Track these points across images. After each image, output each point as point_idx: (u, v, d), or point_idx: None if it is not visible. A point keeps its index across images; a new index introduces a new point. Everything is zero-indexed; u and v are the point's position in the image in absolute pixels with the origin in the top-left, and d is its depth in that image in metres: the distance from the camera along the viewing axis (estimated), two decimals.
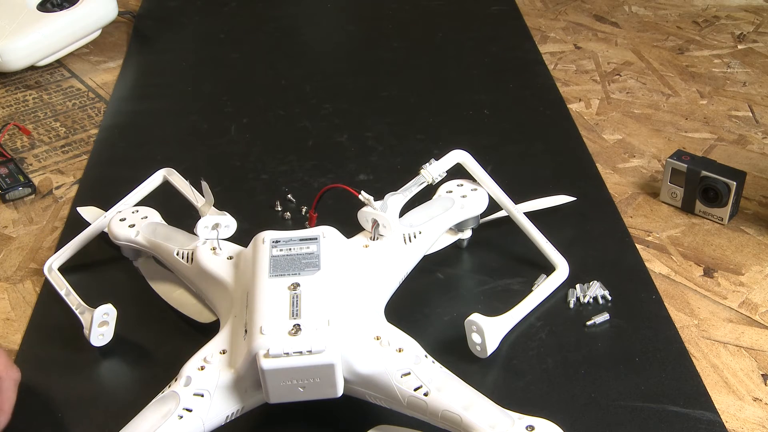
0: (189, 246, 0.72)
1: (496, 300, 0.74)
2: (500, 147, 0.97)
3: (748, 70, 1.14)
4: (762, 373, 0.67)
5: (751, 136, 0.99)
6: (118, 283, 0.79)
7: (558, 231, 0.80)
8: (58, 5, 1.20)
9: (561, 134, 1.01)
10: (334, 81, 1.15)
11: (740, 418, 0.63)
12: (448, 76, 1.15)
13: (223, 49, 1.25)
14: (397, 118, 1.05)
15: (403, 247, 0.71)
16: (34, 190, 0.94)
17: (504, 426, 0.54)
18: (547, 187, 0.88)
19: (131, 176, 0.86)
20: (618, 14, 1.32)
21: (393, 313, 0.66)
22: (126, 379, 0.69)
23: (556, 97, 1.08)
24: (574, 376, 0.67)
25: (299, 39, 1.28)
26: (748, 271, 0.78)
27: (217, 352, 0.61)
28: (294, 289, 0.61)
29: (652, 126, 1.02)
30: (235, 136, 1.02)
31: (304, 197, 0.89)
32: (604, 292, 0.74)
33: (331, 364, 0.57)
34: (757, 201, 0.88)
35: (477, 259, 0.80)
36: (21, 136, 1.05)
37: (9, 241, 0.86)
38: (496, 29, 1.28)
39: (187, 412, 0.57)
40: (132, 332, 0.72)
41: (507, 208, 0.77)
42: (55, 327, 0.74)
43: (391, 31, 1.29)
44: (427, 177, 0.74)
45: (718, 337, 0.71)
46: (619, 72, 1.15)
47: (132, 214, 0.79)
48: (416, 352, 0.60)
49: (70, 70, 1.22)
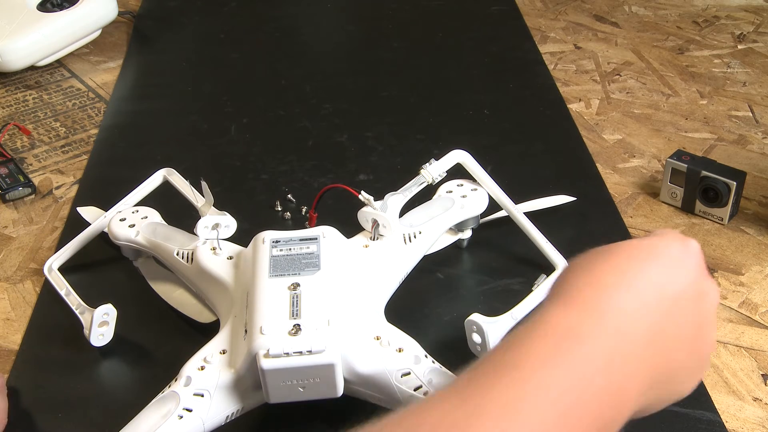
0: (189, 246, 0.72)
1: (496, 300, 0.74)
2: (500, 147, 0.97)
3: (748, 70, 1.14)
4: (762, 373, 0.67)
5: (751, 136, 0.99)
6: (118, 283, 0.79)
7: (558, 231, 0.80)
8: (58, 5, 1.20)
9: (561, 134, 1.01)
10: (334, 81, 1.15)
11: (740, 418, 0.63)
12: (448, 76, 1.15)
13: (223, 49, 1.25)
14: (397, 118, 1.05)
15: (403, 247, 0.71)
16: (34, 190, 0.94)
17: None
18: (547, 187, 0.88)
19: (131, 176, 0.86)
20: (618, 14, 1.32)
21: (393, 313, 0.66)
22: (126, 379, 0.69)
23: (556, 97, 1.08)
24: None
25: (299, 39, 1.28)
26: (748, 271, 0.78)
27: (217, 352, 0.61)
28: (294, 289, 0.61)
29: (652, 126, 1.02)
30: (235, 136, 1.02)
31: (304, 197, 0.89)
32: None
33: (331, 364, 0.57)
34: (757, 201, 0.88)
35: (477, 259, 0.80)
36: (21, 136, 1.05)
37: (9, 241, 0.86)
38: (496, 29, 1.28)
39: (187, 412, 0.57)
40: (132, 332, 0.72)
41: (507, 208, 0.77)
42: (55, 327, 0.74)
43: (391, 31, 1.29)
44: (427, 177, 0.74)
45: (718, 337, 0.71)
46: (619, 72, 1.15)
47: (132, 214, 0.79)
48: (416, 352, 0.60)
49: (70, 70, 1.22)
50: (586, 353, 0.37)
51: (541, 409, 0.34)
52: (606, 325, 0.38)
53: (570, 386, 0.35)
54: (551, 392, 0.35)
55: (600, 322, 0.38)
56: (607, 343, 0.38)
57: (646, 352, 0.39)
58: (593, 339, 0.37)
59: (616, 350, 0.38)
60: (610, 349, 0.38)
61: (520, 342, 0.38)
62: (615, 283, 0.40)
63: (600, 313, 0.39)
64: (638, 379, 0.39)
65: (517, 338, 0.38)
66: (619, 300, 0.39)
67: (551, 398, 0.35)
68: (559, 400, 0.35)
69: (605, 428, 0.37)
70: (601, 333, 0.38)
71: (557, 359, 0.36)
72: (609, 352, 0.37)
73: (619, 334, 0.38)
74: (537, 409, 0.34)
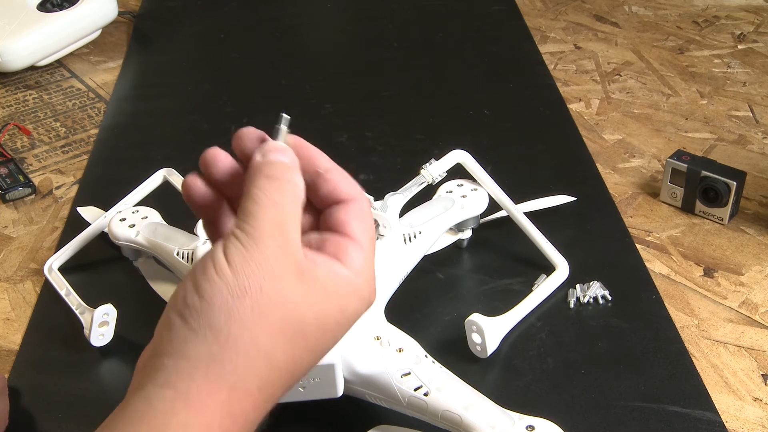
0: (189, 246, 0.72)
1: (496, 300, 0.74)
2: (500, 147, 0.97)
3: (748, 70, 1.14)
4: (762, 373, 0.67)
5: (751, 136, 0.99)
6: (118, 283, 0.79)
7: (558, 231, 0.80)
8: (58, 5, 1.20)
9: (561, 134, 1.01)
10: (334, 81, 1.15)
11: (740, 418, 0.63)
12: (448, 76, 1.15)
13: (223, 49, 1.25)
14: (397, 118, 1.05)
15: (403, 247, 0.71)
16: (34, 190, 0.94)
17: (504, 426, 0.54)
18: (547, 187, 0.88)
19: (131, 176, 0.86)
20: (618, 14, 1.32)
21: (393, 313, 0.66)
22: (126, 379, 0.69)
23: (556, 97, 1.08)
24: (574, 376, 0.67)
25: (299, 39, 1.28)
26: (748, 271, 0.78)
27: None
28: None
29: (652, 126, 1.02)
30: None
31: None
32: (604, 292, 0.74)
33: (331, 364, 0.56)
34: (757, 201, 0.88)
35: (477, 259, 0.80)
36: (21, 136, 1.05)
37: (9, 241, 0.86)
38: (496, 29, 1.28)
39: None
40: (132, 332, 0.72)
41: (507, 208, 0.77)
42: (55, 327, 0.74)
43: (391, 31, 1.29)
44: (427, 177, 0.74)
45: (718, 337, 0.71)
46: (619, 72, 1.15)
47: (132, 214, 0.79)
48: (416, 352, 0.60)
49: (70, 70, 1.22)
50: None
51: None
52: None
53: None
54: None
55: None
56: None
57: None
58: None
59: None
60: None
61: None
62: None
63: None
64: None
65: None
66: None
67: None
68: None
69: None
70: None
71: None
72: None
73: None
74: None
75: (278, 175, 0.38)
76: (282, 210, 0.37)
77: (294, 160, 0.39)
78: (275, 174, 0.38)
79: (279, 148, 0.39)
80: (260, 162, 0.38)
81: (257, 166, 0.38)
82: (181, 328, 0.35)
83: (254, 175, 0.38)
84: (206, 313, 0.35)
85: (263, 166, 0.38)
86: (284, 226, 0.37)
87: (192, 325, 0.35)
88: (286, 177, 0.38)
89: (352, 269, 0.38)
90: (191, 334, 0.35)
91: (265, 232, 0.36)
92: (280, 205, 0.37)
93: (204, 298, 0.35)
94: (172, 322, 0.36)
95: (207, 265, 0.36)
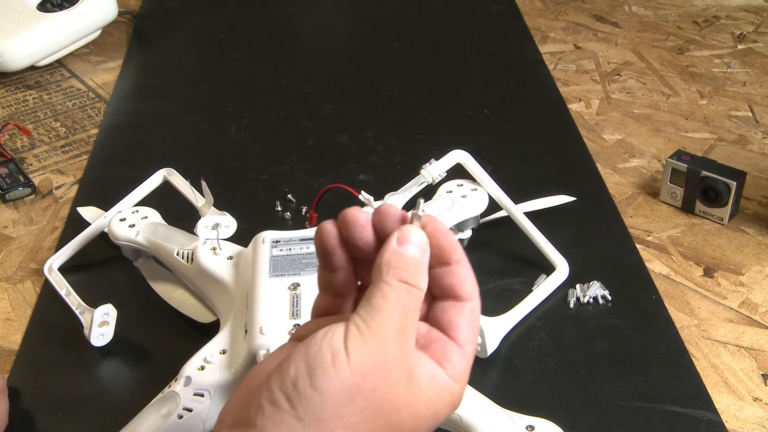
0: (189, 246, 0.72)
1: (496, 300, 0.74)
2: (500, 147, 0.97)
3: (748, 70, 1.14)
4: (762, 373, 0.67)
5: (751, 136, 0.99)
6: (118, 283, 0.79)
7: (558, 231, 0.80)
8: (58, 5, 1.20)
9: (561, 134, 1.01)
10: (334, 81, 1.15)
11: (740, 418, 0.63)
12: (448, 76, 1.15)
13: (223, 49, 1.25)
14: (397, 118, 1.05)
15: None
16: (34, 190, 0.94)
17: (504, 426, 0.54)
18: (547, 187, 0.88)
19: (131, 176, 0.86)
20: (618, 14, 1.32)
21: None
22: (126, 379, 0.69)
23: (556, 97, 1.08)
24: (574, 376, 0.67)
25: (299, 39, 1.28)
26: (748, 271, 0.78)
27: (217, 352, 0.61)
28: (294, 289, 0.62)
29: (652, 126, 1.02)
30: (235, 136, 1.02)
31: (304, 197, 0.89)
32: (604, 292, 0.74)
33: None
34: (757, 201, 0.88)
35: (477, 259, 0.80)
36: (21, 136, 1.05)
37: (9, 241, 0.86)
38: (496, 29, 1.28)
39: (187, 412, 0.57)
40: (132, 332, 0.72)
41: (507, 208, 0.77)
42: (55, 327, 0.74)
43: (391, 31, 1.29)
44: (427, 177, 0.74)
45: (718, 337, 0.71)
46: (619, 72, 1.15)
47: (132, 214, 0.79)
48: None
49: (70, 70, 1.22)
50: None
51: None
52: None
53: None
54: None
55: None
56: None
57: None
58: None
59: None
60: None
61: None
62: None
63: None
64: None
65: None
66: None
67: None
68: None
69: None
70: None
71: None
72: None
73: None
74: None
75: (409, 278, 0.38)
76: (407, 314, 0.37)
77: (426, 255, 0.39)
78: (407, 274, 0.38)
79: (415, 240, 0.39)
80: (396, 252, 0.38)
81: (391, 259, 0.38)
82: (287, 413, 0.36)
83: (387, 267, 0.38)
84: (316, 406, 0.35)
85: (398, 261, 0.38)
86: (406, 330, 0.37)
87: (299, 413, 0.35)
88: (416, 280, 0.38)
89: (452, 376, 0.39)
90: (297, 423, 0.35)
91: (389, 333, 0.37)
92: (406, 310, 0.38)
93: (317, 390, 0.35)
94: (277, 402, 0.36)
95: (324, 354, 0.36)
